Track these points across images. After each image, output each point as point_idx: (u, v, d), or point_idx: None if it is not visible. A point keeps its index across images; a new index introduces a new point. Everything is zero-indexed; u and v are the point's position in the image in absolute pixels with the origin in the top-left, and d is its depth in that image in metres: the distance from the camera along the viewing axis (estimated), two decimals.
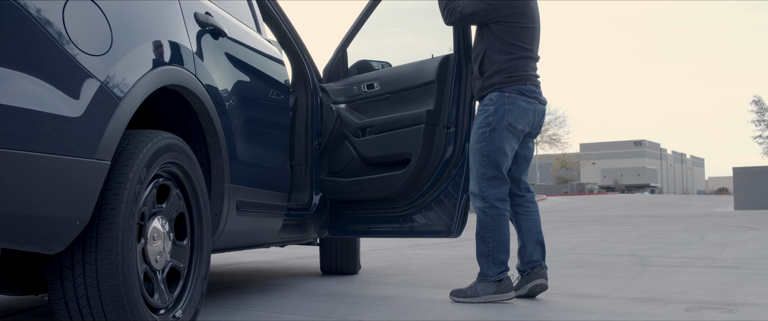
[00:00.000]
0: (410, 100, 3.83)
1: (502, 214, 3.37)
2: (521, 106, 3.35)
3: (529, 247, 3.48)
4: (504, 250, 3.35)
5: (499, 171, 3.37)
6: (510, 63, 3.37)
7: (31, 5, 1.77)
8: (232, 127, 2.82)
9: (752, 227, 10.54)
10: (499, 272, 3.34)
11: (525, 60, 3.40)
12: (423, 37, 3.80)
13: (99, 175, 1.92)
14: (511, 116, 3.34)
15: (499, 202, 3.37)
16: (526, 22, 3.41)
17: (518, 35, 3.39)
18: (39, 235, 1.79)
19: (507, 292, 3.32)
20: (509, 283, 3.35)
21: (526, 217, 3.52)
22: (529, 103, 3.38)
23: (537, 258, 3.46)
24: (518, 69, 3.37)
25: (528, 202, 3.55)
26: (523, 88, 3.36)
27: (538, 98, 3.43)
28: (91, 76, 1.91)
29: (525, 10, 3.41)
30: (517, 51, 3.38)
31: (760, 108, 41.73)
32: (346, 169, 4.01)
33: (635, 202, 33.36)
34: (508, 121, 3.34)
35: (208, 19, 2.75)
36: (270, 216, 3.34)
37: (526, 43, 3.41)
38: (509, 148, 3.38)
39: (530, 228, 3.50)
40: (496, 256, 3.34)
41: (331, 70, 4.29)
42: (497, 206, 3.37)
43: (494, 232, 3.36)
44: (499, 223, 3.36)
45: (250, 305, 3.26)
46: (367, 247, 7.22)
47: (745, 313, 2.95)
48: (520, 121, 3.37)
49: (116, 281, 1.98)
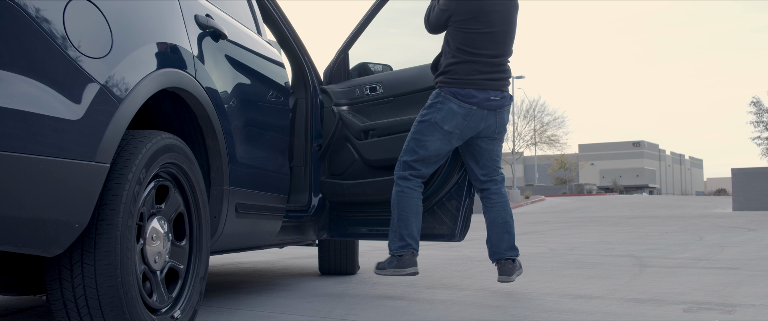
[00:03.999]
0: (414, 104, 3.84)
1: (402, 190, 3.53)
2: (451, 108, 3.45)
3: (494, 239, 3.59)
4: (404, 225, 3.51)
5: (413, 158, 3.52)
6: (453, 66, 3.49)
7: (31, 7, 1.77)
8: (231, 130, 2.82)
9: (751, 228, 10.55)
10: (399, 247, 3.49)
11: (469, 64, 3.46)
12: (422, 38, 3.80)
13: (98, 177, 1.92)
14: (439, 115, 3.47)
15: (401, 180, 3.54)
16: (479, 27, 3.47)
17: (467, 40, 3.47)
18: (38, 237, 1.79)
19: (406, 268, 3.48)
20: (410, 259, 3.48)
21: (491, 209, 3.63)
22: (462, 107, 3.45)
23: (503, 250, 3.57)
24: (458, 72, 3.47)
25: (492, 194, 3.64)
26: (458, 91, 3.45)
27: (478, 103, 3.46)
28: (91, 79, 1.91)
29: (476, 16, 3.46)
30: (462, 55, 3.48)
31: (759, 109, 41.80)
32: (348, 171, 4.01)
33: (634, 202, 33.36)
34: (435, 119, 3.48)
35: (209, 21, 2.75)
36: (269, 218, 3.34)
37: (474, 47, 3.47)
38: (433, 144, 3.50)
39: (495, 220, 3.61)
40: (396, 231, 3.52)
41: (333, 72, 4.29)
42: (399, 183, 3.55)
43: (396, 207, 3.53)
44: (399, 199, 3.53)
45: (248, 305, 3.26)
46: (366, 247, 7.23)
47: (744, 314, 2.95)
48: (448, 122, 3.46)
49: (115, 282, 1.99)
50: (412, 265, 3.48)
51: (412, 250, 3.50)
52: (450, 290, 3.84)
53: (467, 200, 3.70)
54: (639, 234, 9.59)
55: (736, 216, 16.17)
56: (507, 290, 3.78)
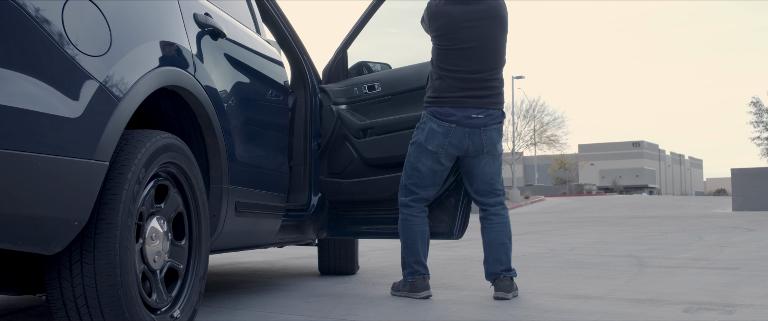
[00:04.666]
0: (411, 102, 3.84)
1: (405, 218, 3.58)
2: (431, 128, 3.47)
3: (490, 260, 3.53)
4: (410, 253, 3.56)
5: (411, 182, 3.55)
6: (433, 82, 3.52)
7: (30, 5, 1.77)
8: (230, 128, 2.82)
9: (750, 228, 10.55)
10: (409, 274, 3.54)
11: (447, 80, 3.46)
12: (422, 38, 3.80)
13: (97, 175, 1.92)
14: (423, 135, 3.50)
15: (404, 207, 3.59)
16: (450, 44, 3.46)
17: (442, 57, 3.49)
18: (37, 235, 1.79)
19: (418, 292, 3.49)
20: (421, 283, 3.50)
21: (488, 230, 3.57)
22: (441, 126, 3.44)
23: (499, 271, 3.49)
24: (437, 90, 3.48)
25: (491, 215, 3.57)
26: (436, 110, 3.45)
27: (458, 121, 3.41)
28: (90, 77, 1.91)
29: (446, 33, 3.46)
30: (439, 72, 3.50)
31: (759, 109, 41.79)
32: (347, 170, 4.01)
33: (634, 203, 33.38)
34: (419, 140, 3.50)
35: (208, 20, 2.75)
36: (268, 217, 3.34)
37: (449, 65, 3.46)
38: (424, 166, 3.51)
39: (491, 241, 3.54)
40: (404, 259, 3.57)
41: (331, 71, 4.29)
42: (402, 211, 3.59)
43: (402, 235, 3.59)
44: (403, 227, 3.58)
45: (248, 305, 3.26)
46: (366, 247, 7.22)
47: (743, 314, 2.95)
48: (430, 142, 3.47)
49: (114, 281, 1.99)
50: (425, 288, 3.50)
51: (421, 276, 3.52)
52: (449, 290, 3.84)
53: (465, 198, 3.70)
54: (638, 234, 9.59)
55: (735, 216, 16.17)
56: None
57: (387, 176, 3.80)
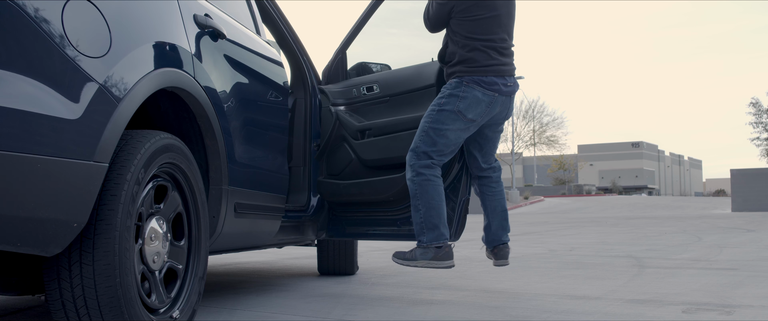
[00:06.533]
0: (410, 104, 3.83)
1: (428, 179, 3.41)
2: (476, 96, 3.41)
3: (494, 226, 3.63)
4: (436, 215, 3.38)
5: (433, 149, 3.42)
6: (470, 54, 3.44)
7: (30, 6, 1.77)
8: (230, 129, 2.82)
9: (749, 229, 10.55)
10: (435, 238, 3.37)
11: (483, 51, 3.45)
12: (421, 39, 3.80)
13: (97, 177, 1.92)
14: (464, 104, 3.41)
15: (424, 168, 3.42)
16: (483, 13, 3.45)
17: (476, 27, 3.45)
18: (36, 237, 1.79)
19: (445, 260, 3.38)
20: (448, 251, 3.39)
21: (491, 197, 3.67)
22: (486, 95, 3.43)
23: (501, 236, 3.64)
24: (477, 60, 3.43)
25: (493, 182, 3.69)
26: (482, 79, 3.42)
27: (499, 90, 3.45)
28: (90, 78, 1.91)
29: (480, 1, 3.45)
30: (474, 43, 3.45)
31: (758, 110, 41.87)
32: (345, 171, 4.01)
33: (633, 203, 33.38)
34: (458, 108, 3.41)
35: (207, 21, 2.75)
36: (268, 218, 3.34)
37: (483, 34, 3.45)
38: (453, 133, 3.43)
39: (495, 208, 3.66)
40: (428, 221, 3.38)
41: (331, 72, 4.29)
42: (423, 172, 3.42)
43: (423, 198, 3.39)
44: (426, 188, 3.40)
45: (247, 305, 3.26)
46: (365, 248, 7.23)
47: (742, 315, 2.95)
48: (472, 110, 3.42)
49: (113, 282, 1.99)
50: (450, 257, 3.37)
51: (447, 241, 3.40)
52: (449, 291, 3.84)
53: (462, 200, 3.69)
54: (638, 235, 9.59)
55: (734, 217, 16.18)
56: (506, 291, 3.78)
57: (384, 178, 3.80)
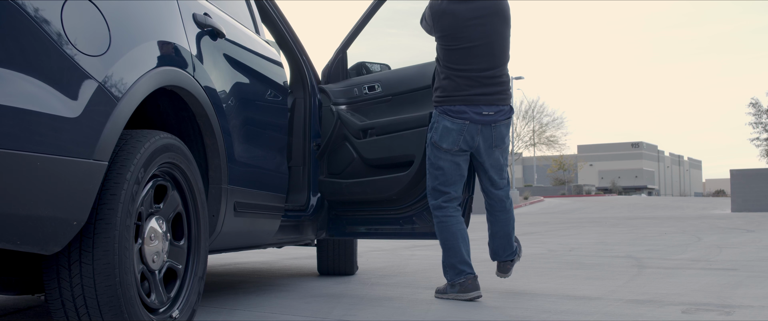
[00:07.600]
0: (412, 103, 3.84)
1: (440, 221, 3.53)
2: (445, 126, 3.47)
3: (494, 246, 3.69)
4: (452, 255, 3.48)
5: (438, 183, 3.53)
6: (441, 82, 3.53)
7: (30, 5, 1.77)
8: (229, 129, 2.82)
9: (749, 229, 10.56)
10: (455, 275, 3.45)
11: (455, 80, 3.47)
12: (421, 39, 3.80)
13: (96, 175, 1.92)
14: (437, 135, 3.50)
15: (437, 210, 3.54)
16: (457, 43, 3.47)
17: (449, 56, 3.50)
18: (36, 235, 1.79)
19: (469, 292, 3.42)
20: (471, 283, 3.43)
21: (494, 223, 3.69)
22: (455, 123, 3.45)
23: (502, 256, 3.69)
24: (447, 89, 3.49)
25: (497, 211, 3.66)
26: (450, 108, 3.46)
27: (470, 118, 3.45)
28: (89, 77, 1.91)
29: (452, 33, 3.47)
30: (448, 71, 3.50)
31: (758, 110, 41.88)
32: (347, 170, 4.01)
33: (632, 203, 33.38)
34: (433, 139, 3.51)
35: (207, 20, 2.75)
36: (267, 217, 3.34)
37: (457, 64, 3.48)
38: (445, 163, 3.51)
39: (496, 232, 3.68)
40: (447, 261, 3.50)
41: (331, 72, 4.29)
42: (436, 214, 3.54)
43: (440, 238, 3.54)
44: (441, 230, 3.53)
45: (247, 305, 3.26)
46: (364, 248, 7.22)
47: (742, 315, 2.95)
48: (445, 140, 3.47)
49: (113, 281, 1.98)
50: (475, 288, 3.42)
51: (469, 275, 3.44)
52: None
53: (467, 202, 3.70)
54: (638, 235, 9.59)
55: (734, 217, 16.18)
56: (506, 291, 3.78)
57: (387, 177, 3.80)
